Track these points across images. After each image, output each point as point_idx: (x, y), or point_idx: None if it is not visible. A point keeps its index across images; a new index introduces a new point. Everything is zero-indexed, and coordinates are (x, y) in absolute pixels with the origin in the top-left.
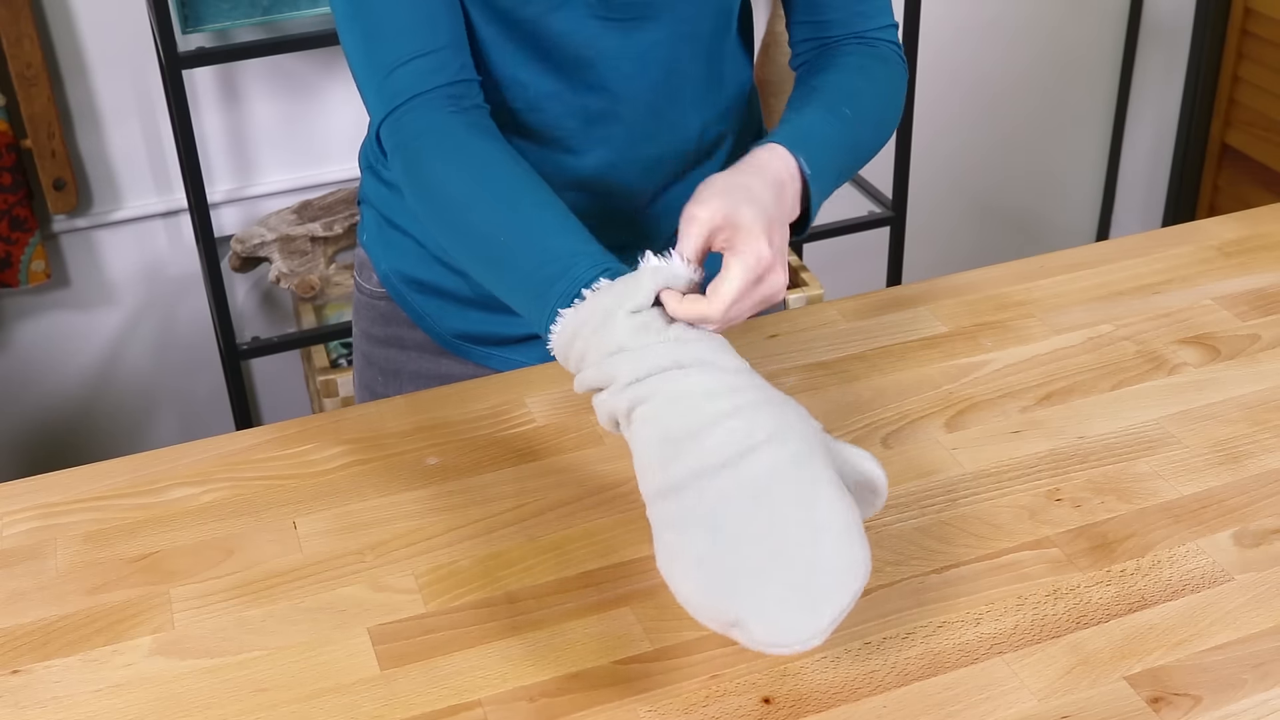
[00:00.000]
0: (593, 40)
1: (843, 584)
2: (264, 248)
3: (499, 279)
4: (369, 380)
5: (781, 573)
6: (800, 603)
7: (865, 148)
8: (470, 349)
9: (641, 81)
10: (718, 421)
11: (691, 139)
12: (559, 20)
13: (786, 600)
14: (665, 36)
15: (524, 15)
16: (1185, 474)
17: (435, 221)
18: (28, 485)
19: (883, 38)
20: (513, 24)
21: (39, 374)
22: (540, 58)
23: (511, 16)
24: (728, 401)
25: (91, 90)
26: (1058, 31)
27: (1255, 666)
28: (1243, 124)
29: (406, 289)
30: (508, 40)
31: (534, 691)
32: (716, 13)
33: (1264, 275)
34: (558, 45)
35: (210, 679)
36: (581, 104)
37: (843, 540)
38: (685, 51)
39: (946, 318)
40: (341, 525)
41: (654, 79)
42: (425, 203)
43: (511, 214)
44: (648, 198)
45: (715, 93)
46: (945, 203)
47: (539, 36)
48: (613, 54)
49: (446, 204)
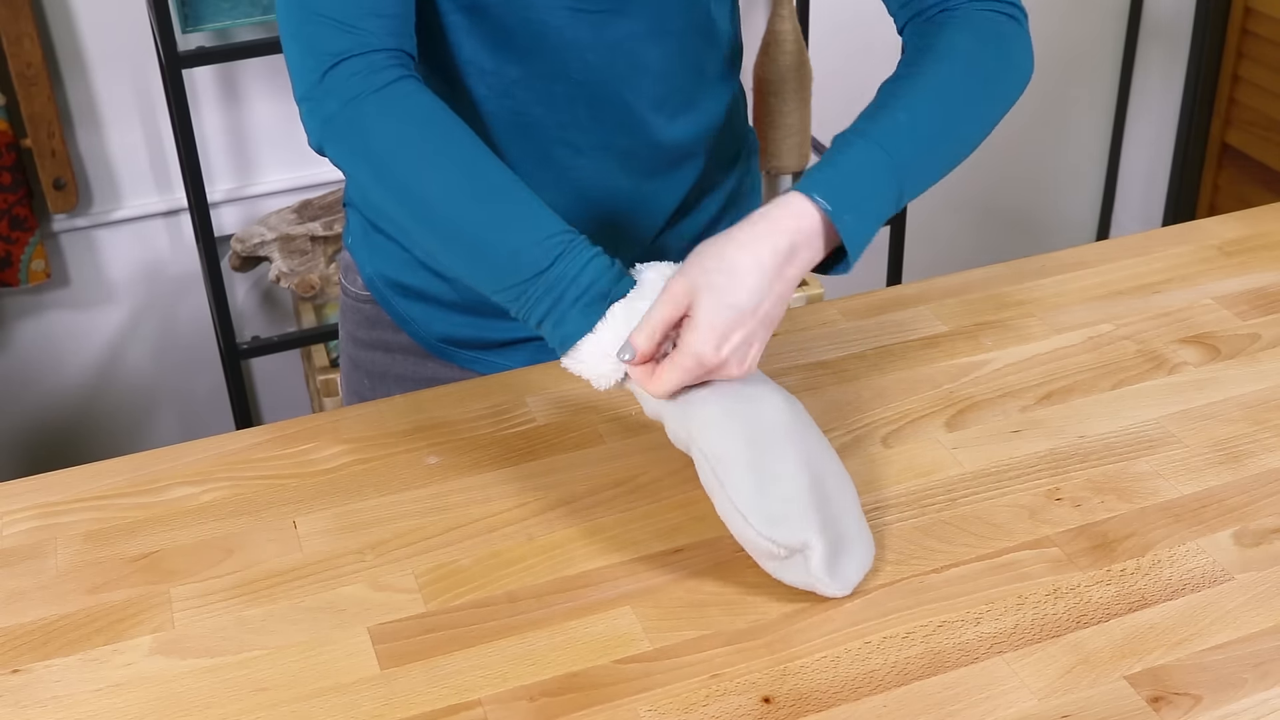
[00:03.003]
0: (561, 29)
1: (870, 548)
2: (264, 247)
3: (466, 266)
4: (355, 384)
5: (851, 520)
6: (854, 551)
7: (946, 142)
8: (456, 353)
9: (609, 73)
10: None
11: (661, 138)
12: (525, 8)
13: (851, 547)
14: (636, 30)
15: (488, 1)
16: (1185, 473)
17: (384, 190)
18: (28, 485)
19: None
20: (476, 10)
21: (39, 374)
22: (507, 44)
23: (475, 2)
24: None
25: (91, 90)
26: (1058, 31)
27: (1255, 666)
28: (1243, 124)
29: (391, 293)
30: (474, 26)
31: (534, 691)
32: (690, 9)
33: (1264, 275)
34: (525, 33)
35: (210, 679)
36: (548, 91)
37: (860, 508)
38: (657, 48)
39: (946, 317)
40: (341, 525)
41: (622, 72)
42: (370, 166)
43: (473, 197)
44: (616, 199)
45: (688, 92)
46: (945, 203)
47: (507, 23)
48: (581, 45)
49: (397, 171)
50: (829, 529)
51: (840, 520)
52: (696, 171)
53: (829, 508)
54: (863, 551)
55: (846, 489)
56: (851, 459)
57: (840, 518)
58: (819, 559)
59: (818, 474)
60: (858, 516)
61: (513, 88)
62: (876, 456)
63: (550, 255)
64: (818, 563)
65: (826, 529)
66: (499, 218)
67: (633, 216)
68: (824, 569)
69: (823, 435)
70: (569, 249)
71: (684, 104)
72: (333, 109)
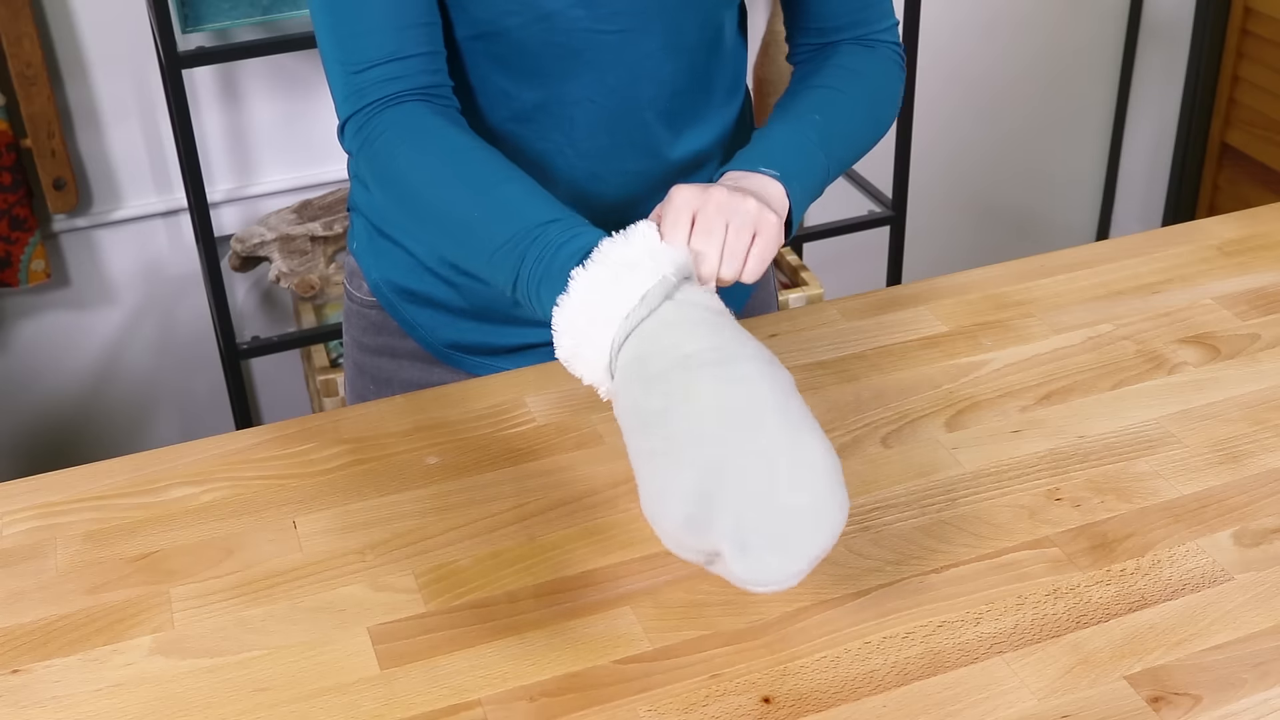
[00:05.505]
0: (581, 51)
1: (822, 526)
2: (264, 247)
3: (470, 251)
4: (360, 388)
5: (764, 509)
6: (782, 543)
7: (847, 147)
8: (462, 359)
9: (629, 93)
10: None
11: (678, 153)
12: (546, 30)
13: (770, 539)
14: (653, 47)
15: (508, 25)
16: (1185, 473)
17: (403, 209)
18: (28, 485)
19: (883, 38)
20: (495, 35)
21: (39, 374)
22: (527, 70)
23: (494, 28)
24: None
25: (91, 90)
26: (1057, 31)
27: (1255, 666)
28: (1243, 124)
29: (398, 299)
30: (494, 52)
31: (534, 691)
32: (705, 24)
33: (1264, 275)
34: (546, 56)
35: (210, 679)
36: (568, 115)
37: (824, 481)
38: (674, 63)
39: (946, 317)
40: (341, 525)
41: (641, 90)
42: (392, 191)
43: (482, 193)
44: (633, 213)
45: (704, 106)
46: (945, 202)
47: (528, 47)
48: (602, 65)
49: (415, 189)
50: (740, 525)
51: (762, 508)
52: (708, 180)
53: (742, 501)
54: (806, 531)
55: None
56: (851, 459)
57: (764, 506)
58: (731, 560)
59: (715, 463)
60: (805, 489)
61: (532, 113)
62: (876, 456)
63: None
64: (734, 565)
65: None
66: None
67: None
68: (744, 570)
69: (779, 400)
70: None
71: (696, 118)
72: (357, 158)
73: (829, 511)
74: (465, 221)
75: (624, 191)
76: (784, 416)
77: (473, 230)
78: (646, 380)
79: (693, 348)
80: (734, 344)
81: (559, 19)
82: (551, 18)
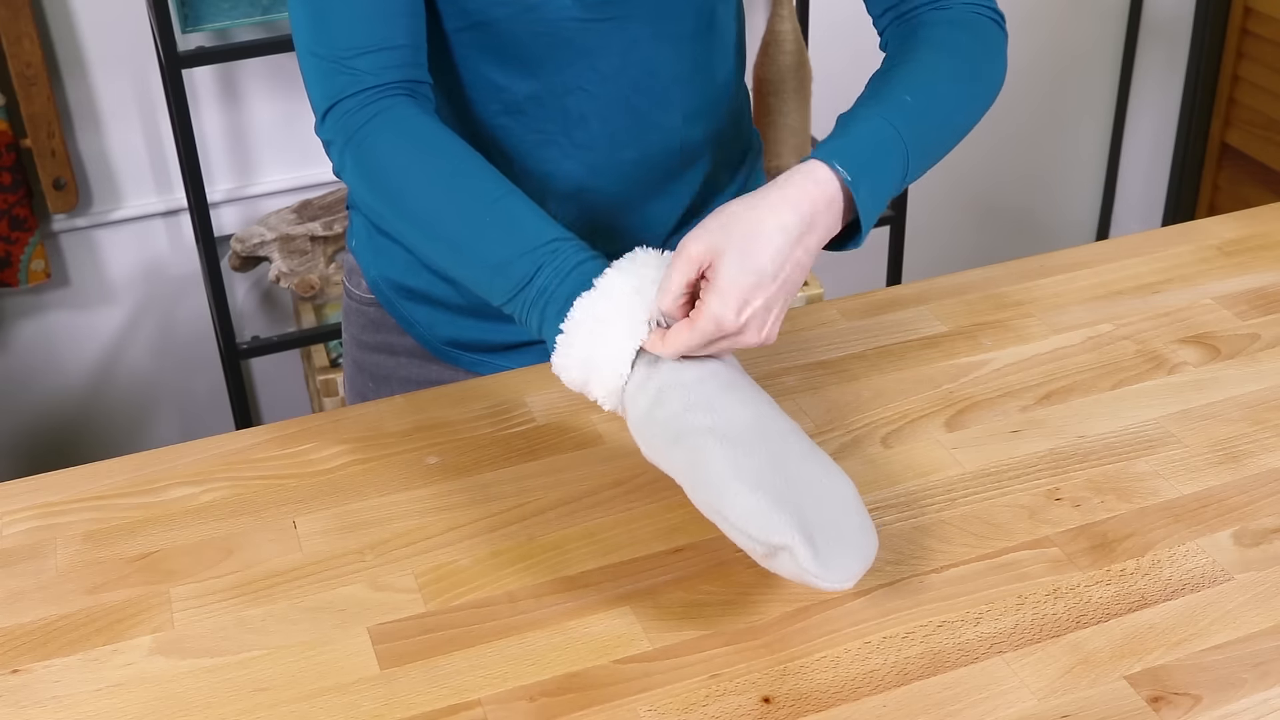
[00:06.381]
0: (572, 39)
1: (871, 540)
2: (264, 247)
3: (465, 270)
4: (360, 386)
5: (833, 511)
6: (849, 543)
7: (944, 128)
8: (461, 356)
9: (621, 81)
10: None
11: (673, 143)
12: (535, 20)
13: (840, 538)
14: (645, 35)
15: (497, 16)
16: (1185, 473)
17: (391, 208)
18: (28, 485)
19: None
20: (485, 25)
21: (39, 374)
22: (518, 60)
23: (483, 17)
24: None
25: (91, 90)
26: (1057, 30)
27: (1255, 666)
28: (1243, 124)
29: (396, 296)
30: (484, 43)
31: (534, 691)
32: (697, 12)
33: (1264, 275)
34: (536, 45)
35: (210, 678)
36: (561, 106)
37: (859, 502)
38: (666, 52)
39: (946, 317)
40: (341, 525)
41: (634, 79)
42: (378, 188)
43: (459, 211)
44: (629, 208)
45: (697, 96)
46: (945, 202)
47: (518, 36)
48: (592, 53)
49: (406, 192)
50: (809, 522)
51: (825, 513)
52: (703, 174)
53: (807, 502)
54: (861, 543)
55: (835, 484)
56: (851, 459)
57: (825, 511)
58: (804, 553)
59: (791, 473)
60: (852, 510)
61: (525, 104)
62: (876, 456)
63: (535, 266)
64: (804, 557)
65: (806, 523)
66: (486, 229)
67: (641, 223)
68: (813, 561)
69: (802, 434)
70: (552, 258)
71: (692, 107)
72: (339, 148)
73: (870, 528)
74: (458, 233)
75: (623, 184)
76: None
77: (466, 243)
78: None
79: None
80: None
81: (547, 7)
82: (540, 7)
